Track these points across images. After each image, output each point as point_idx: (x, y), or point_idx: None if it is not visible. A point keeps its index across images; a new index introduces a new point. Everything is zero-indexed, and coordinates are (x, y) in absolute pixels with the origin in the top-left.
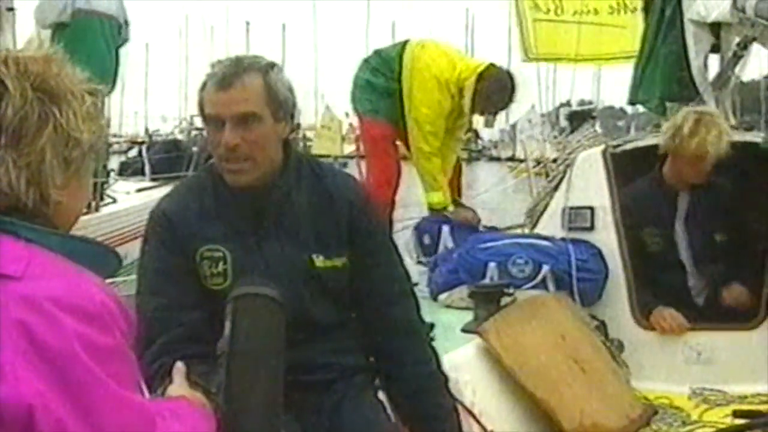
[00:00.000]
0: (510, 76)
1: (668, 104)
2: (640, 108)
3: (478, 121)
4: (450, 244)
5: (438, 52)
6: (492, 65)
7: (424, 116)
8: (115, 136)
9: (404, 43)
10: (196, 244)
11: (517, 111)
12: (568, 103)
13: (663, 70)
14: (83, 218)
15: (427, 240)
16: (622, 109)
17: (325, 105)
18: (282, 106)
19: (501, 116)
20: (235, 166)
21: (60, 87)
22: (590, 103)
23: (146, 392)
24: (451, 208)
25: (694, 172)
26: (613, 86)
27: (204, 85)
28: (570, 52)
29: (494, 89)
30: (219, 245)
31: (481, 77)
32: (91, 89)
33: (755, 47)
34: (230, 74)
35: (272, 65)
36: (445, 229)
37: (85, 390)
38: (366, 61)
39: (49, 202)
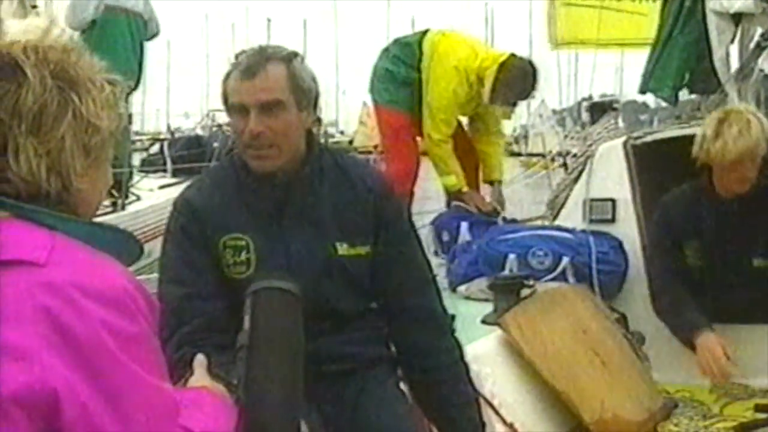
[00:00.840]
0: (532, 66)
1: (680, 94)
2: (663, 102)
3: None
4: (468, 238)
5: (459, 41)
6: (513, 55)
7: (438, 103)
8: (137, 133)
9: (425, 32)
10: (220, 233)
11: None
12: (589, 98)
13: (679, 59)
14: (111, 217)
15: (446, 236)
16: (644, 104)
17: (362, 101)
18: (306, 94)
19: (523, 110)
20: (259, 152)
21: (79, 75)
22: (612, 95)
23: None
24: (465, 189)
25: (735, 179)
26: (635, 80)
27: (228, 75)
28: (592, 37)
29: (516, 78)
30: (242, 234)
31: (503, 66)
32: (110, 78)
33: None
34: (254, 63)
35: (295, 54)
36: (464, 225)
37: (111, 376)
38: (386, 50)
39: (70, 189)
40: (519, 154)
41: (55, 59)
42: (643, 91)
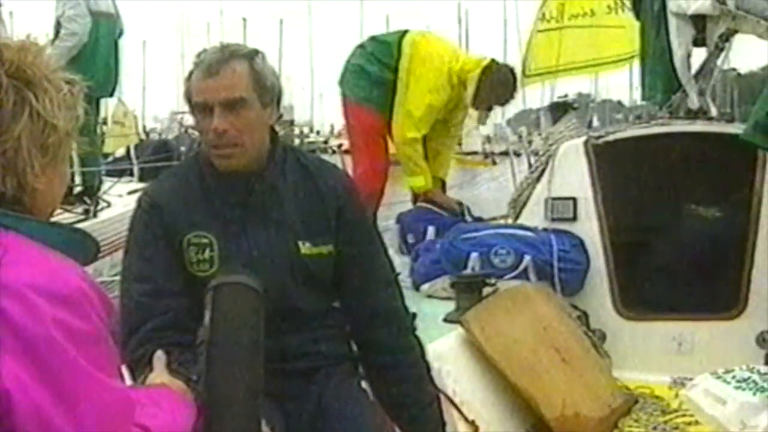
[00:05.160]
0: (512, 72)
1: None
2: (638, 101)
3: (470, 116)
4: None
5: (441, 43)
6: (494, 60)
7: (418, 103)
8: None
9: (404, 32)
10: (183, 231)
11: (515, 105)
12: (565, 96)
13: (662, 64)
14: (84, 225)
15: (411, 239)
16: (620, 102)
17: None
18: (269, 91)
19: (494, 112)
20: (224, 151)
21: (36, 74)
22: (588, 95)
23: (128, 379)
24: (432, 189)
25: None
26: (609, 79)
27: (190, 74)
28: (570, 61)
29: (499, 83)
30: (205, 232)
31: (486, 70)
32: (68, 78)
33: (756, 40)
34: (217, 61)
35: (257, 51)
36: (431, 229)
37: (64, 375)
38: (361, 46)
39: (26, 189)
40: (492, 154)
41: (10, 58)
42: (644, 100)
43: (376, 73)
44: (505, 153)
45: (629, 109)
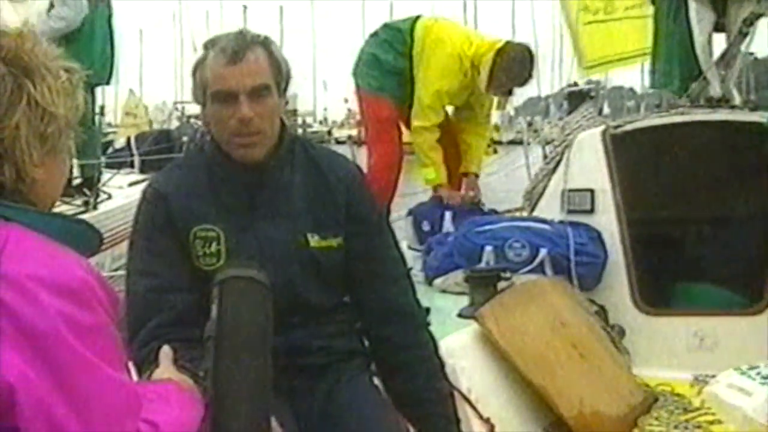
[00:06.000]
0: (530, 52)
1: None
2: (650, 89)
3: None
4: (452, 230)
5: (453, 28)
6: (509, 42)
7: (428, 90)
8: (110, 125)
9: (416, 18)
10: (190, 224)
11: (522, 94)
12: (574, 84)
13: (680, 51)
14: (84, 217)
15: (426, 226)
16: (631, 89)
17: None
18: (284, 78)
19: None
20: (248, 140)
21: (33, 62)
22: (598, 83)
23: (135, 375)
24: (444, 184)
25: None
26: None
27: (203, 62)
28: (622, 50)
29: (514, 64)
30: (213, 225)
31: (500, 52)
32: (67, 66)
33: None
34: (239, 47)
35: (268, 38)
36: (448, 215)
37: (69, 369)
38: (375, 34)
39: (25, 179)
40: (499, 143)
41: (8, 45)
42: (654, 87)
43: (389, 61)
44: (513, 142)
45: (641, 96)
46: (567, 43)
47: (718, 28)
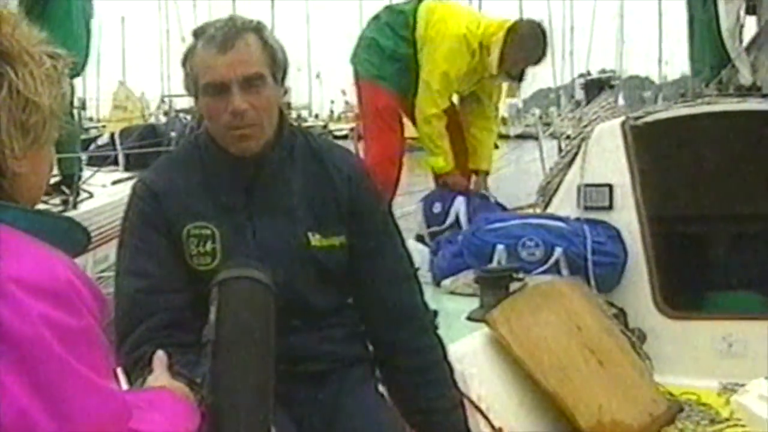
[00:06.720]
0: (542, 29)
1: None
2: (668, 77)
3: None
4: (463, 213)
5: (458, 8)
6: (520, 19)
7: (434, 73)
8: (91, 119)
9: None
10: (183, 221)
11: (530, 86)
12: (587, 74)
13: (709, 38)
14: None
15: (437, 208)
16: (648, 79)
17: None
18: (280, 66)
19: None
20: (243, 131)
21: (14, 47)
22: (613, 71)
23: (124, 382)
24: (454, 172)
25: None
26: (636, 55)
27: (192, 53)
28: None
29: (528, 39)
30: (207, 222)
31: (511, 30)
32: (51, 51)
33: None
34: (229, 35)
35: (261, 23)
36: (460, 198)
37: (52, 377)
38: (376, 17)
39: (6, 173)
40: (507, 137)
41: None
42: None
43: (390, 47)
44: (521, 136)
45: (659, 86)
46: (578, 32)
47: (750, 11)
